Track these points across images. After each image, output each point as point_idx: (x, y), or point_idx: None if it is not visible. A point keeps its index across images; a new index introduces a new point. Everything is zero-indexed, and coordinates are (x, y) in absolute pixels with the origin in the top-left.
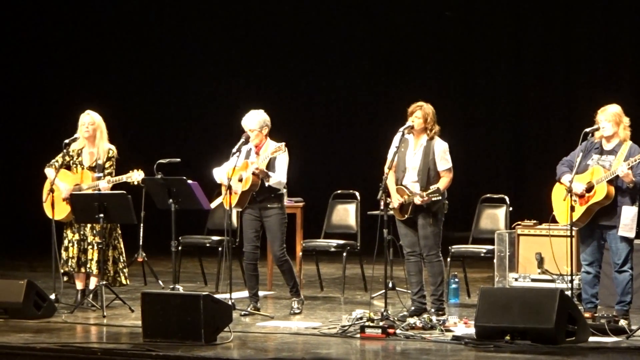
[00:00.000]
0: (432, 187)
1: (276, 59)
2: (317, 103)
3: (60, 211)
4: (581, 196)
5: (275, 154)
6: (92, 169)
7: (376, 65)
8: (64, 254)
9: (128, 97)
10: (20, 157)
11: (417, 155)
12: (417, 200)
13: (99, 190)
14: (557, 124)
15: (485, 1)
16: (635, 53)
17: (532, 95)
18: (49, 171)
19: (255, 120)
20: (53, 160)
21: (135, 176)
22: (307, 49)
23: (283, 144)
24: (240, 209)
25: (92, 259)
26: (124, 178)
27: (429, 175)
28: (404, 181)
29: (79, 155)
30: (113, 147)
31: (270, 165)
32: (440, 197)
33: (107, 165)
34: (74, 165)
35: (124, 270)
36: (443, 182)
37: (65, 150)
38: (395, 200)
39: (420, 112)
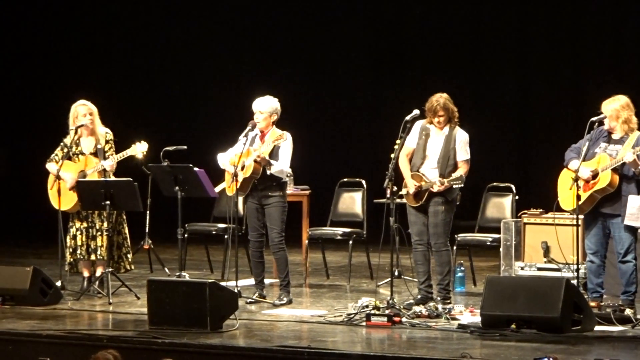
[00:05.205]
0: (455, 174)
1: (283, 46)
2: (324, 91)
3: (66, 202)
4: (586, 181)
5: (277, 142)
6: (94, 155)
7: (383, 54)
8: (71, 242)
9: (134, 84)
10: (25, 145)
11: (438, 142)
12: (436, 187)
13: (104, 170)
14: (564, 113)
15: None
16: None
17: (539, 83)
18: (51, 165)
19: (267, 104)
20: (53, 155)
21: (139, 148)
22: (314, 36)
23: (285, 133)
24: (243, 194)
25: (101, 245)
26: (128, 152)
27: (448, 163)
28: (422, 168)
29: (77, 145)
30: (109, 130)
31: (274, 153)
32: (462, 185)
33: (106, 148)
34: (74, 156)
35: (128, 255)
36: (461, 172)
37: (62, 143)
38: (412, 186)
39: (442, 111)
